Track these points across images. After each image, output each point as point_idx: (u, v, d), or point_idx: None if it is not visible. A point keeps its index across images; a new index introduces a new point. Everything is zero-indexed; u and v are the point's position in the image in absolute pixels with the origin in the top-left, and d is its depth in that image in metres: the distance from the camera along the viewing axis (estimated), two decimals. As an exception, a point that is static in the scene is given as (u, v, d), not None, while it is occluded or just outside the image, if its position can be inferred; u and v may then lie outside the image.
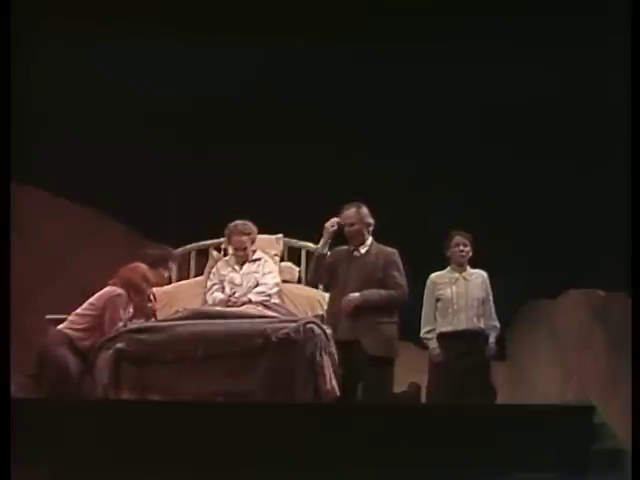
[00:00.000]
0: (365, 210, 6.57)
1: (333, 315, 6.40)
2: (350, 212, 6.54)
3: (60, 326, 6.06)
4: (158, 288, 7.09)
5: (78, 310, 6.14)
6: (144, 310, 6.36)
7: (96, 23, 7.73)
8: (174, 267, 7.06)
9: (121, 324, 6.09)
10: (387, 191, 8.04)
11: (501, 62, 8.15)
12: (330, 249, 6.85)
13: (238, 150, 8.58)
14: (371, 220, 6.57)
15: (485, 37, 7.80)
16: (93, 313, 6.09)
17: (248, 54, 8.29)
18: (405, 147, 8.59)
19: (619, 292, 7.82)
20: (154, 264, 6.54)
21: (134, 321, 6.23)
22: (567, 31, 7.65)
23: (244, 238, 6.80)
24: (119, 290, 6.16)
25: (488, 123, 8.43)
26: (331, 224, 6.49)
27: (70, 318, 6.11)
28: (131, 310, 6.27)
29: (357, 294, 6.35)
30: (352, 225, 6.52)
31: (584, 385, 8.16)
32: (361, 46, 8.15)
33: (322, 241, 6.51)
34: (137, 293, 6.27)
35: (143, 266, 6.39)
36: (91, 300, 6.15)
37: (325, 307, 6.64)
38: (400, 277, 6.48)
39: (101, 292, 6.18)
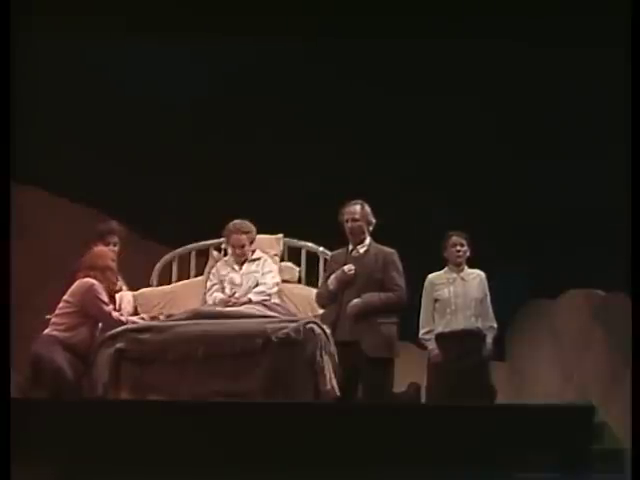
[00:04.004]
0: (368, 208, 6.60)
1: (332, 316, 6.41)
2: (355, 208, 6.58)
3: (46, 330, 6.00)
4: (158, 288, 7.12)
5: (57, 311, 6.06)
6: (112, 291, 6.30)
7: (96, 23, 7.73)
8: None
9: (110, 308, 6.06)
10: (386, 191, 8.04)
11: (501, 63, 8.15)
12: (330, 249, 6.89)
13: (238, 150, 8.58)
14: (373, 219, 6.60)
15: (486, 38, 7.81)
16: (72, 310, 6.02)
17: (248, 54, 8.30)
18: (405, 147, 8.59)
19: (619, 292, 7.83)
20: (98, 239, 6.58)
21: (129, 318, 6.24)
22: (566, 30, 7.65)
23: (242, 236, 6.80)
24: (91, 280, 6.07)
25: (488, 123, 8.43)
26: (349, 268, 6.49)
27: (52, 320, 6.04)
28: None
29: (358, 300, 6.37)
30: (356, 221, 6.54)
31: (584, 385, 8.16)
32: (361, 46, 8.15)
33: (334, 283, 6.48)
34: (112, 274, 6.23)
35: (103, 248, 6.37)
36: (66, 297, 6.07)
37: (325, 307, 6.65)
38: (399, 278, 6.49)
39: (73, 287, 6.09)
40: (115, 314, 6.11)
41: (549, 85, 8.24)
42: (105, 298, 6.08)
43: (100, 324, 6.08)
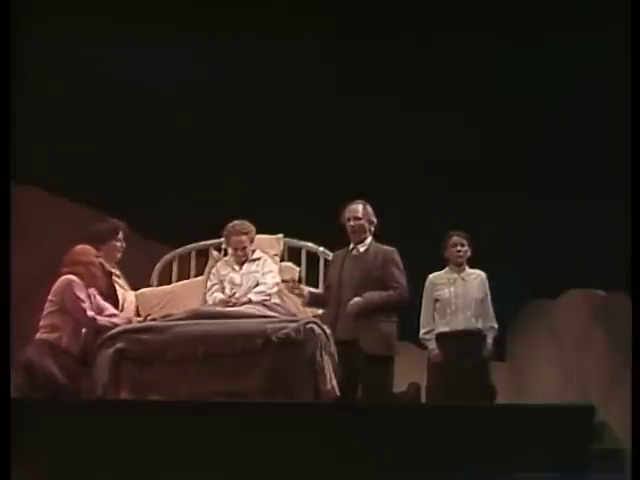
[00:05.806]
0: (370, 208, 6.62)
1: (332, 315, 6.41)
2: (358, 207, 6.59)
3: (37, 335, 5.95)
4: (158, 288, 7.11)
5: (44, 312, 6.00)
6: (108, 290, 6.26)
7: (95, 23, 7.74)
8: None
9: (86, 305, 5.96)
10: (387, 191, 8.04)
11: (501, 60, 8.15)
12: (330, 249, 6.90)
13: (238, 150, 8.58)
14: (375, 219, 6.61)
15: (483, 33, 7.81)
16: (54, 308, 5.97)
17: (249, 54, 8.30)
18: (405, 147, 8.59)
19: (619, 292, 7.82)
20: (104, 238, 6.50)
21: (123, 317, 6.23)
22: (565, 25, 7.65)
23: (243, 237, 6.80)
24: (70, 277, 6.00)
25: (488, 122, 8.43)
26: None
27: (40, 323, 5.98)
28: (95, 293, 6.13)
29: (359, 298, 6.37)
30: (358, 219, 6.55)
31: (584, 385, 8.16)
32: (361, 46, 8.15)
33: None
34: (96, 270, 6.16)
35: (85, 246, 6.24)
36: (49, 297, 6.02)
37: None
38: (400, 275, 6.49)
39: (55, 286, 6.04)
40: (90, 313, 5.98)
41: (549, 83, 8.25)
42: (82, 295, 5.99)
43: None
